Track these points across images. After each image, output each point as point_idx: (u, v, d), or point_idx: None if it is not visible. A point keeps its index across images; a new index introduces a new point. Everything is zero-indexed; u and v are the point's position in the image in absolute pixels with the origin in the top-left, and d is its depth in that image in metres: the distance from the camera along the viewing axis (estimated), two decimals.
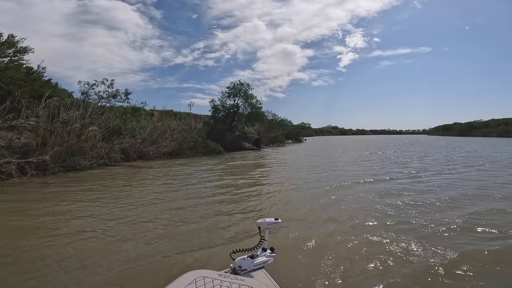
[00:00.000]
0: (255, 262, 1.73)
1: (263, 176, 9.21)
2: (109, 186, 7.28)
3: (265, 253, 1.89)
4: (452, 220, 4.29)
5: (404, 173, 9.23)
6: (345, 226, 4.13)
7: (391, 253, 3.15)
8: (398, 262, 2.93)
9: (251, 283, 1.45)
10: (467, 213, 4.63)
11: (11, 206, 5.26)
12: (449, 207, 5.07)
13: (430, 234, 3.70)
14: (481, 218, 4.40)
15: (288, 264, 2.87)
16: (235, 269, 1.67)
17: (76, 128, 9.93)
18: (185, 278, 1.45)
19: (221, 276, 1.50)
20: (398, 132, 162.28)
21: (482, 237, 3.61)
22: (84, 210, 4.92)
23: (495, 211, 4.74)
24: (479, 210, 4.81)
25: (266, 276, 1.63)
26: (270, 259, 1.86)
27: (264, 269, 1.73)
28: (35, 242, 3.48)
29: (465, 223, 4.14)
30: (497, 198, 5.72)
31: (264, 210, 5.07)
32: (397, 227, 4.02)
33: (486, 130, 65.46)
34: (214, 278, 1.45)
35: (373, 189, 6.73)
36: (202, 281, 1.41)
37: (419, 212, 4.73)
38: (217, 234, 3.84)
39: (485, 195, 5.94)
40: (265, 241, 1.96)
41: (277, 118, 39.71)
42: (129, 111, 15.64)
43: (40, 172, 8.37)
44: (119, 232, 3.87)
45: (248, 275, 1.63)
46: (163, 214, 4.74)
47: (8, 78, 9.33)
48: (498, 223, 4.11)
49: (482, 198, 5.70)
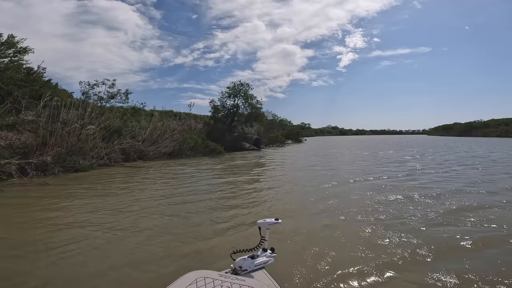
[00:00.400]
0: (255, 263, 1.73)
1: (263, 176, 9.21)
2: (109, 185, 7.29)
3: (266, 253, 1.89)
4: (438, 214, 4.56)
5: (399, 172, 9.28)
6: (344, 226, 4.14)
7: (391, 252, 3.17)
8: (395, 262, 2.96)
9: (252, 283, 1.45)
10: (451, 208, 5.02)
11: (11, 204, 5.28)
12: (439, 203, 5.37)
13: (422, 228, 3.92)
14: (462, 213, 4.73)
15: (288, 264, 2.87)
16: (236, 269, 1.68)
17: (75, 128, 9.94)
18: (185, 278, 1.45)
19: (221, 276, 1.50)
20: (398, 132, 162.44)
21: (464, 230, 3.88)
22: (85, 208, 4.94)
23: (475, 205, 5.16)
24: (461, 206, 5.18)
25: (266, 276, 1.63)
26: (270, 260, 1.85)
27: (264, 270, 1.73)
28: (39, 237, 3.51)
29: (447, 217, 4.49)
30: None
31: (264, 210, 5.09)
32: (396, 227, 4.04)
33: (486, 130, 65.49)
34: (214, 279, 1.45)
35: (371, 187, 6.76)
36: (203, 282, 1.41)
37: (413, 208, 4.81)
38: (216, 233, 3.84)
39: (468, 191, 6.39)
40: (265, 242, 1.96)
41: (277, 119, 39.77)
42: (129, 112, 15.65)
43: (40, 173, 8.37)
44: (122, 228, 3.90)
45: (249, 276, 1.63)
46: (163, 212, 4.76)
47: (8, 78, 9.33)
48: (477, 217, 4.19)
49: (465, 194, 6.15)
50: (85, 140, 10.29)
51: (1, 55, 9.64)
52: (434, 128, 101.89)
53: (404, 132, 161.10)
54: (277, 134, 31.59)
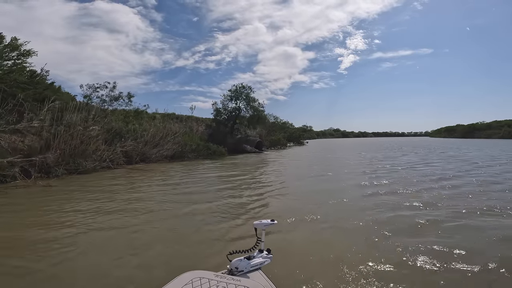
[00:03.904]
0: (251, 264, 1.74)
1: (265, 178, 9.17)
2: (112, 187, 7.29)
3: (262, 254, 1.89)
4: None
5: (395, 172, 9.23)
6: (344, 225, 4.15)
7: (385, 250, 3.12)
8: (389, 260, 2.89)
9: (248, 283, 1.46)
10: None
11: (16, 204, 5.26)
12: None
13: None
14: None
15: (284, 265, 2.86)
16: (232, 270, 1.68)
17: (79, 131, 9.95)
18: (181, 278, 1.45)
19: (217, 276, 1.50)
20: (400, 134, 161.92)
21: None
22: (89, 208, 4.93)
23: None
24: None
25: (263, 277, 1.64)
26: (266, 260, 1.86)
27: (260, 270, 1.74)
28: (50, 234, 3.48)
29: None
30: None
31: (265, 209, 5.08)
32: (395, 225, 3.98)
33: (489, 132, 65.09)
34: (210, 279, 1.45)
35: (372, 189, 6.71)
36: (198, 282, 1.41)
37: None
38: (216, 235, 3.84)
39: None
40: (261, 242, 1.96)
41: (279, 121, 39.72)
42: (131, 114, 15.67)
43: (44, 175, 8.37)
44: (126, 226, 3.86)
45: (245, 276, 1.63)
46: (164, 212, 4.75)
47: (12, 81, 9.36)
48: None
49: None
50: (88, 142, 10.29)
51: (5, 58, 9.68)
52: (437, 130, 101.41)
53: (407, 134, 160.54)
54: (279, 137, 31.52)
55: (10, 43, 9.77)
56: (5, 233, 3.90)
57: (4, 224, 4.32)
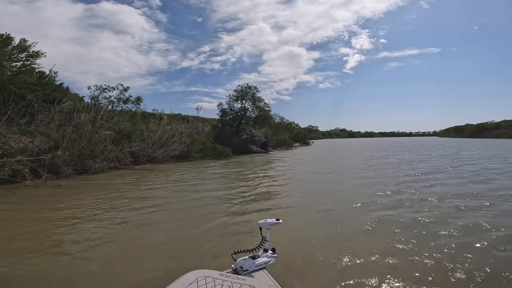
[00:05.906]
0: (256, 263, 1.74)
1: (270, 178, 9.08)
2: (120, 186, 7.31)
3: (267, 253, 1.89)
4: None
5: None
6: (343, 225, 4.09)
7: (386, 252, 3.02)
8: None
9: (253, 282, 1.46)
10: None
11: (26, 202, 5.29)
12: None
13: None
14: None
15: (288, 264, 2.82)
16: (237, 269, 1.69)
17: (87, 132, 10.01)
18: (186, 277, 1.47)
19: (222, 276, 1.51)
20: (408, 134, 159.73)
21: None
22: (99, 207, 4.91)
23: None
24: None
25: (267, 276, 1.64)
26: (271, 260, 1.86)
27: (265, 270, 1.74)
28: (62, 230, 3.45)
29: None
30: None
31: (266, 210, 5.03)
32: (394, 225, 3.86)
33: (498, 132, 63.72)
34: (215, 278, 1.47)
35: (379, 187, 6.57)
36: (203, 281, 1.43)
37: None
38: (220, 233, 3.82)
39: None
40: (266, 242, 1.96)
41: (285, 121, 39.59)
42: (138, 116, 15.78)
43: (52, 175, 8.43)
44: (134, 223, 3.82)
45: (250, 276, 1.63)
46: (171, 212, 4.74)
47: (21, 82, 9.46)
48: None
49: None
50: (96, 143, 10.35)
51: (14, 59, 9.79)
52: (445, 129, 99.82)
53: (414, 134, 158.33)
54: (284, 137, 31.37)
55: (19, 45, 9.89)
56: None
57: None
